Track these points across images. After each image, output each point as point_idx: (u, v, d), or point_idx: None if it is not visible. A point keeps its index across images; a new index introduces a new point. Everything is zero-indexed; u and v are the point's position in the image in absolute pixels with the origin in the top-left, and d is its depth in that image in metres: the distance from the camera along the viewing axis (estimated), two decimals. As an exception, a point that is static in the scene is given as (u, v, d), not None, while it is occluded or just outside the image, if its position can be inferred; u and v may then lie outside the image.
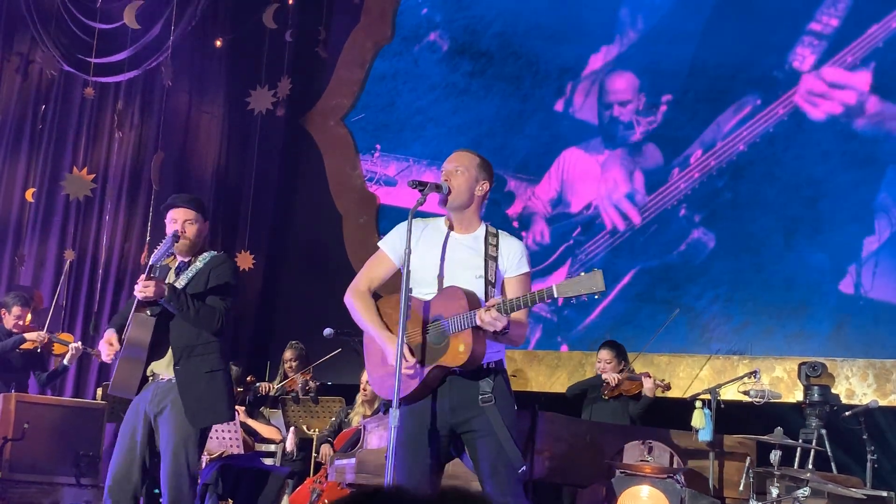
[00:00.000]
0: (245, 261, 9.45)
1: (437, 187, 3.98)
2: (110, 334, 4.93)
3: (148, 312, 4.81)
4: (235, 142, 10.11)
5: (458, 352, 3.83)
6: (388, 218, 9.60)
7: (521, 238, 4.19)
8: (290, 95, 9.70)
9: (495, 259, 4.00)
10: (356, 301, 4.15)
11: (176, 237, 4.81)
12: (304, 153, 10.25)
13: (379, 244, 4.21)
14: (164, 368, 4.87)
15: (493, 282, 3.95)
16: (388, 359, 3.97)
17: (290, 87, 9.60)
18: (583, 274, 3.71)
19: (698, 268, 8.41)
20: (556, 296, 3.71)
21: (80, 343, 7.71)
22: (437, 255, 4.01)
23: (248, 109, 9.64)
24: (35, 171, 9.12)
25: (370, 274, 4.19)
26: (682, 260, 8.48)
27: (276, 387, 7.82)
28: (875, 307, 7.75)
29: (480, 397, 3.90)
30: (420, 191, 3.96)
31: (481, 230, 4.07)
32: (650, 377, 6.97)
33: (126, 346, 4.80)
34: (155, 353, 4.84)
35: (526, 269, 4.04)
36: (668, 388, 7.06)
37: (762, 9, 8.41)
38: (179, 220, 4.94)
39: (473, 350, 3.81)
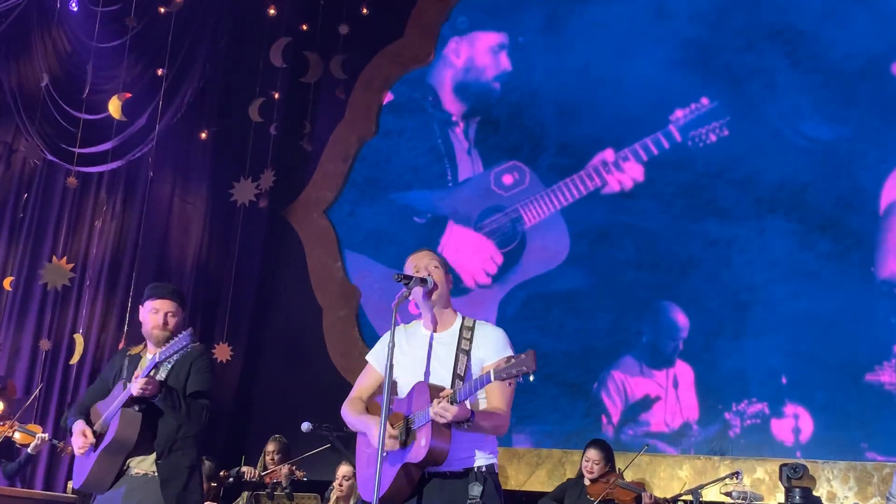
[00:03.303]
0: (223, 352, 9.37)
1: (423, 281, 3.98)
2: (82, 426, 4.83)
3: (136, 408, 4.73)
4: (217, 232, 10.10)
5: (420, 446, 3.79)
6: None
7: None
8: (273, 187, 9.74)
9: (467, 352, 3.99)
10: (346, 406, 4.17)
11: (194, 340, 4.62)
12: (286, 245, 10.24)
13: (367, 357, 4.24)
14: (138, 463, 4.77)
15: (461, 375, 3.92)
16: (371, 447, 3.90)
17: (274, 179, 9.66)
18: (516, 356, 3.69)
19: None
20: (493, 379, 3.68)
21: (46, 434, 7.60)
22: (423, 358, 4.02)
23: (231, 201, 9.65)
24: (14, 259, 9.07)
25: (359, 386, 4.23)
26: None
27: (258, 473, 7.72)
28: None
29: (469, 502, 3.84)
30: (405, 284, 3.95)
31: (457, 324, 4.10)
32: (651, 496, 6.84)
33: (112, 443, 4.72)
34: (136, 448, 4.76)
35: (508, 353, 3.99)
36: None
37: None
38: (162, 310, 4.90)
39: (432, 444, 3.75)
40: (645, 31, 9.09)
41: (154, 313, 4.90)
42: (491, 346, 4.02)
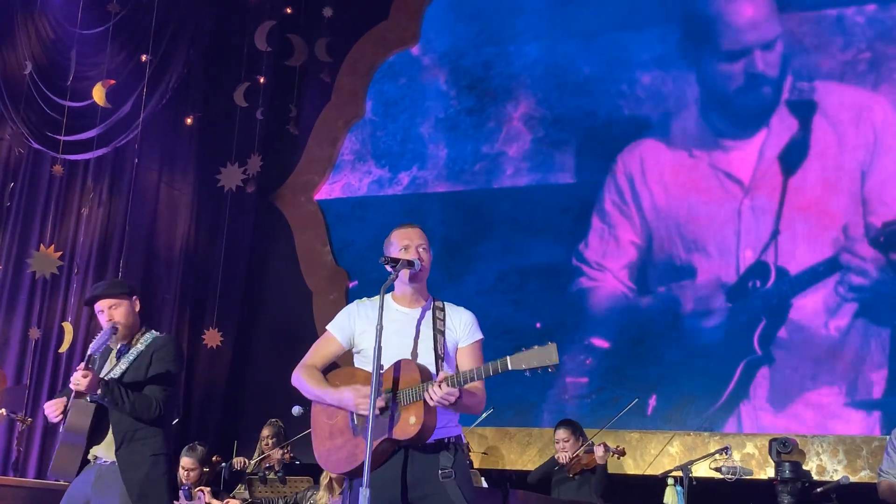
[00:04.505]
0: (213, 338, 9.36)
1: (410, 264, 3.98)
2: (61, 398, 4.85)
3: (87, 398, 4.73)
4: (205, 218, 10.06)
5: (408, 424, 3.79)
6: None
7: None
8: (260, 172, 9.72)
9: (443, 333, 4.02)
10: (302, 374, 4.09)
11: (114, 329, 4.79)
12: (274, 230, 10.22)
13: (327, 326, 4.17)
14: (104, 451, 4.78)
15: (442, 355, 3.95)
16: (336, 418, 3.90)
17: (261, 164, 9.63)
18: (536, 347, 3.68)
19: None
20: (509, 368, 3.69)
21: (3, 410, 7.63)
22: (399, 333, 4.00)
23: (219, 186, 9.63)
24: (1, 248, 9.05)
25: (316, 354, 4.15)
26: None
27: (252, 463, 7.72)
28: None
29: (440, 472, 3.86)
30: (392, 267, 3.96)
31: (429, 303, 4.12)
32: (602, 445, 6.94)
33: (65, 432, 4.73)
34: (96, 437, 4.77)
35: (478, 336, 4.07)
36: (622, 453, 7.00)
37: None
38: (105, 309, 4.92)
39: (424, 422, 3.76)
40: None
41: (101, 314, 4.95)
42: (463, 328, 4.07)
